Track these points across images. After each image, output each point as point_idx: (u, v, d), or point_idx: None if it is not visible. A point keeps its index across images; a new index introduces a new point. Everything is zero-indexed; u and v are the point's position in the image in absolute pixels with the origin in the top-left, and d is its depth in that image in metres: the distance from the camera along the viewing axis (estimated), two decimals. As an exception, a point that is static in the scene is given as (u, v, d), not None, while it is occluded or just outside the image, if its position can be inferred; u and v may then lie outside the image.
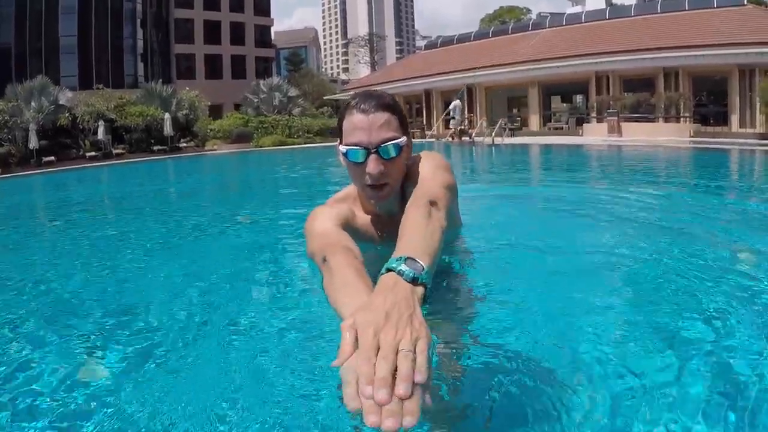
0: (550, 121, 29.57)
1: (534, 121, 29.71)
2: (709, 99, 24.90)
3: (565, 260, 2.69)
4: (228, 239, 4.55)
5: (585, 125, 24.66)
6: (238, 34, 52.53)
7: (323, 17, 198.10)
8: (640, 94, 24.56)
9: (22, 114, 22.98)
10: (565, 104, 30.81)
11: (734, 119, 22.96)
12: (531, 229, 3.54)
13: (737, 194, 6.66)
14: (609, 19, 30.80)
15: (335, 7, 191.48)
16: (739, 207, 5.10)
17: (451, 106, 25.28)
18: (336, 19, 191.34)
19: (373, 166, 1.61)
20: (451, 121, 25.16)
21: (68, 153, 23.58)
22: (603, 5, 37.27)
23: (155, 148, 25.94)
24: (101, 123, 24.29)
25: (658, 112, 23.94)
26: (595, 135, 21.83)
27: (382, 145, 1.60)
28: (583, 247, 3.08)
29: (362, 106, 1.62)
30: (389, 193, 1.70)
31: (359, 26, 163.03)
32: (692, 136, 19.91)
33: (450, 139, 24.19)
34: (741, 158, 12.70)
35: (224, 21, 51.78)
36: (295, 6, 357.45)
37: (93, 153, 23.68)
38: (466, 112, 27.47)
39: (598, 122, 24.20)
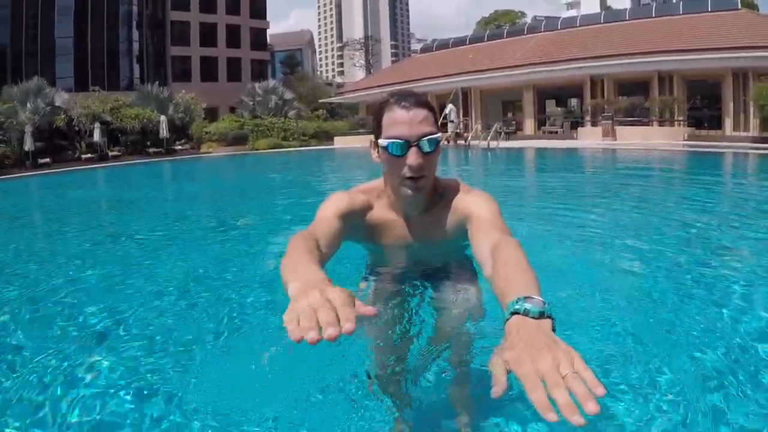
0: (545, 125, 29.57)
1: (529, 124, 29.76)
2: (703, 103, 24.98)
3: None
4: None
5: (580, 129, 24.74)
6: (233, 37, 52.56)
7: (319, 19, 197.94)
8: (635, 98, 24.63)
9: (18, 115, 22.90)
10: (559, 108, 30.75)
11: (728, 123, 23.04)
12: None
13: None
14: (604, 23, 30.90)
15: (331, 9, 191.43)
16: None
17: (446, 110, 25.31)
18: (332, 21, 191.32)
19: (413, 158, 1.70)
20: (449, 125, 25.21)
21: (64, 155, 23.52)
22: (598, 9, 37.56)
23: (151, 150, 25.95)
24: (97, 125, 24.31)
25: (652, 115, 24.04)
26: (589, 139, 21.91)
27: (422, 138, 1.70)
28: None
29: (402, 102, 1.73)
30: (425, 186, 1.79)
31: (354, 29, 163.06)
32: (686, 140, 20.03)
33: (446, 142, 24.24)
34: (735, 161, 12.82)
35: (220, 23, 51.79)
36: (292, 7, 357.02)
37: (89, 155, 23.65)
38: (461, 115, 27.51)
39: (592, 126, 24.26)
